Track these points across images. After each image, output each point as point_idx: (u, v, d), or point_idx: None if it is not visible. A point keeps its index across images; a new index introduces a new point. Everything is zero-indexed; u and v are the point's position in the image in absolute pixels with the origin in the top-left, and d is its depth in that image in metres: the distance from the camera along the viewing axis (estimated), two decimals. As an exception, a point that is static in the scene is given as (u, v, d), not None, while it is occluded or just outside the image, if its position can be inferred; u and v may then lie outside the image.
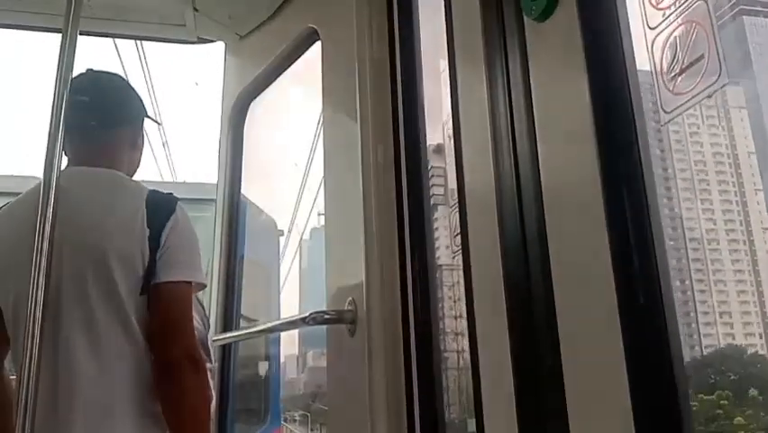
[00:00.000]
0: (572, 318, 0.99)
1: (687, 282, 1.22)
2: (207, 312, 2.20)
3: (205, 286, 1.66)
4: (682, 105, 0.92)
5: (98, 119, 1.67)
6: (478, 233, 1.26)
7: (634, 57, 0.98)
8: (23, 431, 1.33)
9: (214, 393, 1.77)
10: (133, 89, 1.84)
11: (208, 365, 1.71)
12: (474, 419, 1.21)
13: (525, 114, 1.11)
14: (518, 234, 1.11)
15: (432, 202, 1.70)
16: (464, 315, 1.29)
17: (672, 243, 1.24)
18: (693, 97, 0.89)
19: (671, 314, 0.86)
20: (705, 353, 1.21)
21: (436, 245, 1.67)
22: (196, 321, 1.66)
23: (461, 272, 1.30)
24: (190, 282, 1.55)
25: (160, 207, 1.56)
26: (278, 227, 4.20)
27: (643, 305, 0.88)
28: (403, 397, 1.54)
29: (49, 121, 1.54)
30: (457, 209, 1.36)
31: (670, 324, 0.86)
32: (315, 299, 1.92)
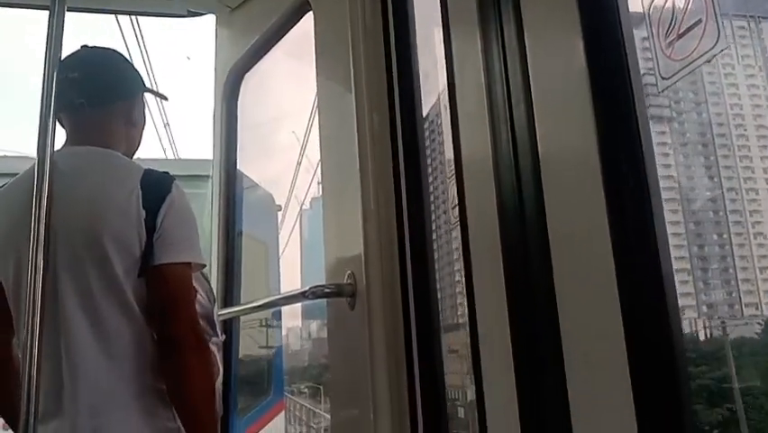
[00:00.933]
0: (570, 285, 0.99)
1: (725, 236, 1.18)
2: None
3: (204, 265, 1.65)
4: (681, 70, 0.90)
5: (88, 96, 1.63)
6: (475, 202, 1.25)
7: (630, 22, 0.96)
8: (27, 411, 1.34)
9: (221, 367, 1.77)
10: (128, 64, 1.80)
11: (215, 339, 1.71)
12: (474, 386, 1.22)
13: (521, 80, 1.10)
14: (516, 202, 1.10)
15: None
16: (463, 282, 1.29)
17: (708, 193, 1.21)
18: (692, 63, 0.88)
19: (668, 275, 0.86)
20: (745, 308, 1.18)
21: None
22: (201, 296, 1.66)
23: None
24: (189, 263, 1.54)
25: (156, 187, 1.54)
26: (277, 202, 4.19)
27: (640, 268, 0.88)
28: (404, 368, 1.56)
29: (40, 100, 1.52)
30: (454, 180, 1.35)
31: (667, 285, 0.86)
32: (318, 270, 1.92)
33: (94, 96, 1.65)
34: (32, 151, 1.52)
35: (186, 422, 1.48)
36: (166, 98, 1.97)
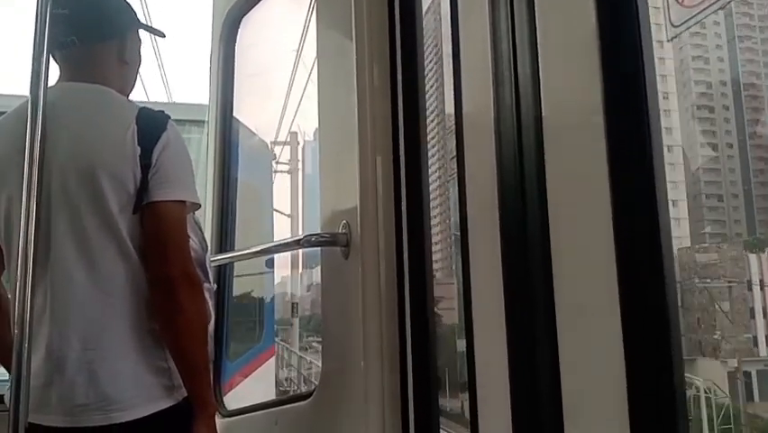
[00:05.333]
0: (567, 243, 0.99)
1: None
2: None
3: (199, 206, 1.65)
4: (692, 18, 0.88)
5: (78, 33, 1.59)
6: (474, 156, 1.24)
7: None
8: (20, 348, 1.36)
9: (213, 313, 1.78)
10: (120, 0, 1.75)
11: (207, 286, 1.72)
12: (465, 340, 1.24)
13: (527, 32, 1.08)
14: (516, 157, 1.10)
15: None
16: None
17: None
18: (704, 10, 0.86)
19: (666, 234, 0.87)
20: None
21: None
22: (194, 243, 1.66)
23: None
24: (184, 202, 1.54)
25: (152, 124, 1.52)
26: (274, 137, 4.15)
27: (639, 233, 0.88)
28: (395, 317, 1.58)
29: (33, 38, 1.49)
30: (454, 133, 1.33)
31: (664, 243, 0.86)
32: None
33: (85, 32, 1.61)
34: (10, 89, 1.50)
35: (177, 361, 1.50)
36: (163, 35, 1.91)
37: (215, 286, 1.89)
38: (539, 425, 1.02)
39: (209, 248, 1.92)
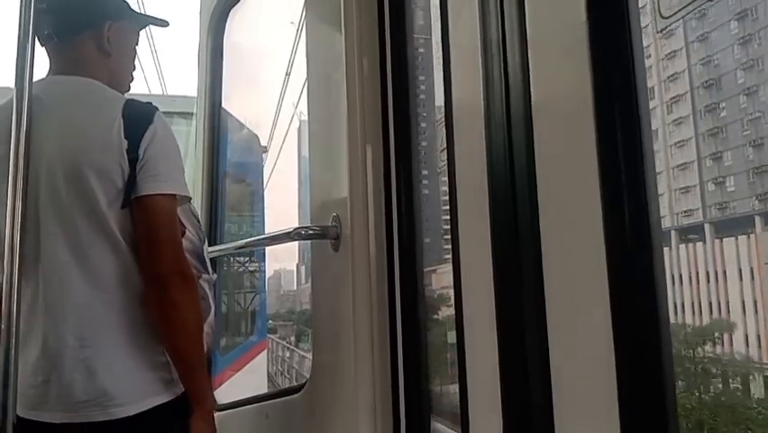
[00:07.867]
0: (557, 234, 0.99)
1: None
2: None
3: (189, 198, 1.63)
4: (682, 9, 0.87)
5: (55, 28, 1.58)
6: (463, 147, 1.24)
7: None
8: (7, 347, 1.34)
9: (213, 304, 1.76)
10: None
11: (206, 276, 1.71)
12: (455, 331, 1.24)
13: (516, 23, 1.07)
14: (505, 148, 1.09)
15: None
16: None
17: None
18: (694, 0, 0.85)
19: (656, 226, 0.86)
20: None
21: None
22: (191, 234, 1.65)
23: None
24: (174, 195, 1.52)
25: (138, 117, 1.50)
26: (270, 138, 4.13)
27: (629, 226, 0.88)
28: (386, 309, 1.57)
29: (17, 29, 1.47)
30: (443, 125, 1.33)
31: (654, 236, 0.86)
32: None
33: (61, 27, 1.59)
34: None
35: (173, 357, 1.49)
36: (165, 24, 1.87)
37: (215, 276, 1.87)
38: (529, 416, 1.02)
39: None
